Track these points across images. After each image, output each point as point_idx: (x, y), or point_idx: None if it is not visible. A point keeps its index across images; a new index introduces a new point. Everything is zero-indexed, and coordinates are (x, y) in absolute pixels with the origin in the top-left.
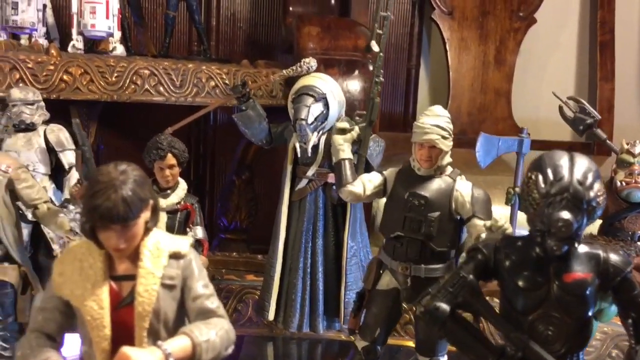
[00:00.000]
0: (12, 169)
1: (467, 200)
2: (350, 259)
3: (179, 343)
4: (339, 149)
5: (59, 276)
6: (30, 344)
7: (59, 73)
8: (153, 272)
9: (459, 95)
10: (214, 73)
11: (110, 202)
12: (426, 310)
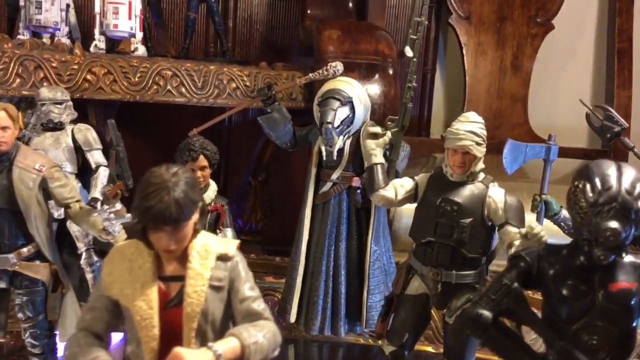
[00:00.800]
0: (45, 168)
1: (500, 207)
2: (373, 263)
3: (229, 344)
4: (371, 153)
5: (108, 276)
6: (79, 343)
7: (83, 73)
8: (202, 273)
9: (475, 100)
10: (235, 75)
11: (163, 204)
12: (469, 317)
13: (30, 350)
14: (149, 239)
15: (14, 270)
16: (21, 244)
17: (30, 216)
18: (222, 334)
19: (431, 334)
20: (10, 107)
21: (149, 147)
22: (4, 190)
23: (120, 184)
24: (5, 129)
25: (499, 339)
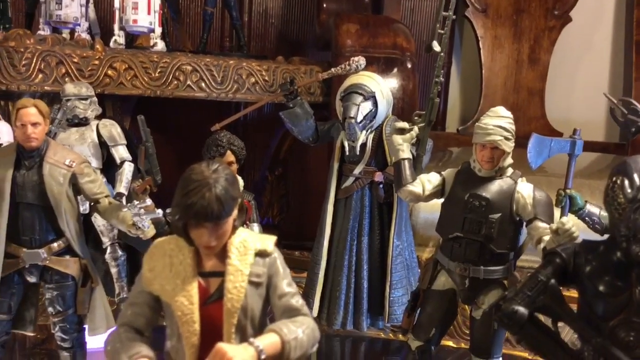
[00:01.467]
0: (75, 164)
1: (529, 202)
2: (395, 258)
3: (270, 340)
4: (398, 148)
5: (149, 272)
6: (120, 338)
7: (104, 68)
8: (241, 269)
9: (491, 94)
10: (254, 69)
11: (204, 201)
12: (504, 314)
13: (59, 344)
14: (189, 235)
15: (44, 265)
16: (51, 239)
17: (61, 211)
18: (260, 330)
19: (452, 328)
20: (41, 103)
21: (165, 140)
22: (34, 186)
23: (149, 180)
24: (36, 125)
25: (535, 336)
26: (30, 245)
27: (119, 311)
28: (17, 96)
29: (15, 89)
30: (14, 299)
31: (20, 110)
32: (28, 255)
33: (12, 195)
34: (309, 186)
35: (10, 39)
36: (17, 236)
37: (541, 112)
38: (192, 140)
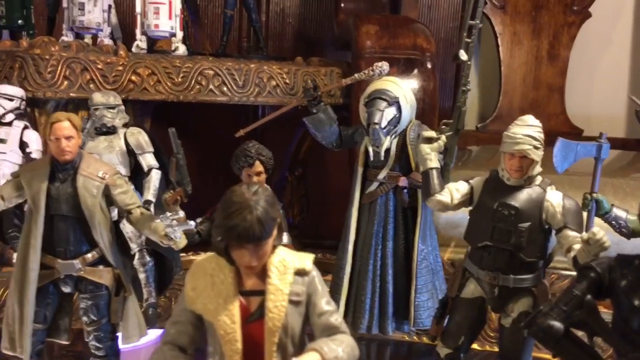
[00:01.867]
0: (108, 176)
1: (558, 210)
2: (420, 262)
3: (311, 359)
4: (426, 158)
5: (191, 291)
6: (165, 356)
7: (128, 74)
8: (281, 289)
9: (510, 90)
10: (274, 73)
11: (246, 223)
12: (540, 328)
13: (94, 352)
14: (230, 255)
15: (78, 275)
16: (85, 250)
17: (95, 223)
18: (301, 348)
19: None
20: (74, 117)
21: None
22: (69, 198)
23: (179, 191)
24: (70, 139)
25: (571, 351)
26: (64, 256)
27: (147, 316)
28: (43, 103)
29: (41, 96)
30: (50, 308)
31: (54, 124)
32: (63, 266)
33: (46, 208)
34: (328, 186)
35: (35, 47)
36: (52, 247)
37: (561, 108)
38: (210, 143)
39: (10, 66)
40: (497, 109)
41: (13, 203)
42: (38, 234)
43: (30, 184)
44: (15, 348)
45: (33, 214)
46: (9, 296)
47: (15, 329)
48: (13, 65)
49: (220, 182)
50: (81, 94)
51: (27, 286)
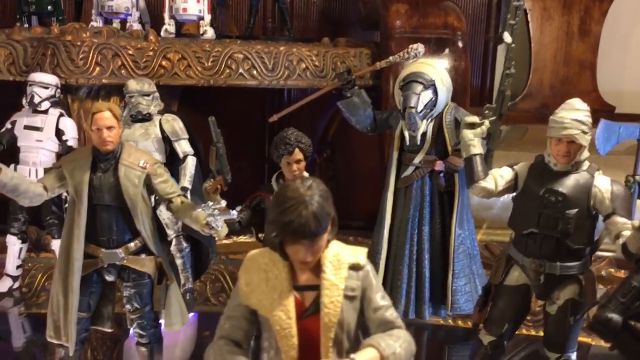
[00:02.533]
0: (149, 165)
1: (607, 196)
2: (457, 247)
3: (370, 355)
4: (469, 144)
5: (246, 286)
6: (221, 351)
7: (158, 59)
8: (336, 284)
9: (541, 67)
10: (304, 55)
11: (302, 219)
12: (598, 321)
13: (137, 339)
14: (284, 251)
15: (121, 264)
16: (128, 239)
17: (137, 212)
18: (356, 343)
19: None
20: (114, 107)
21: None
22: (111, 188)
23: (220, 179)
24: (111, 129)
25: (631, 344)
26: (108, 246)
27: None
28: (75, 90)
29: (73, 83)
30: (93, 297)
31: (95, 114)
32: (106, 255)
33: (89, 198)
34: (355, 168)
35: (67, 33)
36: (95, 237)
37: (592, 85)
38: (237, 127)
39: (42, 53)
40: (527, 87)
41: (56, 193)
42: (81, 223)
43: (73, 174)
44: (60, 336)
45: (76, 204)
46: (52, 286)
47: (60, 318)
48: (45, 52)
49: (246, 168)
50: (113, 80)
51: (71, 276)
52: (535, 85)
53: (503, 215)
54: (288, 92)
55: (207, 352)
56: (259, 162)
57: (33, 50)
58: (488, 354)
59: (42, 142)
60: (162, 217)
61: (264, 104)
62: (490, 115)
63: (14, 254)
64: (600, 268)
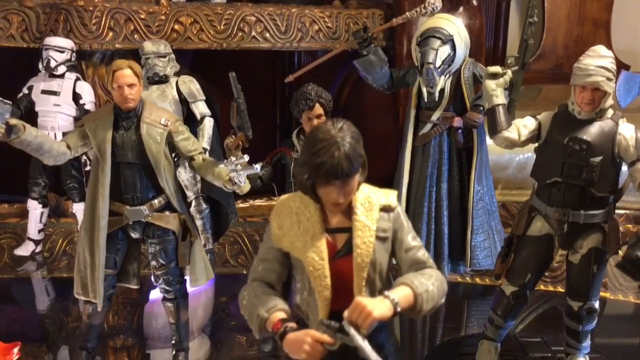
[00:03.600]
0: (170, 122)
1: (632, 144)
2: (476, 203)
3: (403, 293)
4: (492, 94)
5: (278, 229)
6: (255, 292)
7: (170, 23)
8: (368, 225)
9: (554, 27)
10: (316, 17)
11: (334, 159)
12: (627, 260)
13: (163, 295)
14: (316, 194)
15: (146, 221)
16: (152, 196)
17: (160, 169)
18: (388, 284)
19: None
20: (135, 64)
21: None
22: (134, 146)
23: (241, 136)
24: (132, 86)
25: None
26: (132, 203)
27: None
28: (89, 55)
29: (87, 48)
30: (119, 254)
31: (116, 72)
32: (131, 213)
33: (112, 156)
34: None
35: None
36: (119, 195)
37: (607, 44)
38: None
39: (55, 19)
40: (541, 47)
41: (79, 152)
42: (106, 182)
43: (95, 132)
44: (87, 293)
45: (100, 163)
46: (78, 244)
47: (87, 275)
48: (58, 17)
49: (256, 135)
50: (126, 45)
51: (97, 233)
52: (549, 45)
53: (518, 175)
54: (298, 57)
55: (241, 294)
56: (270, 129)
57: (45, 16)
58: (511, 304)
59: (59, 106)
60: (182, 179)
61: (274, 70)
62: (513, 65)
63: (35, 218)
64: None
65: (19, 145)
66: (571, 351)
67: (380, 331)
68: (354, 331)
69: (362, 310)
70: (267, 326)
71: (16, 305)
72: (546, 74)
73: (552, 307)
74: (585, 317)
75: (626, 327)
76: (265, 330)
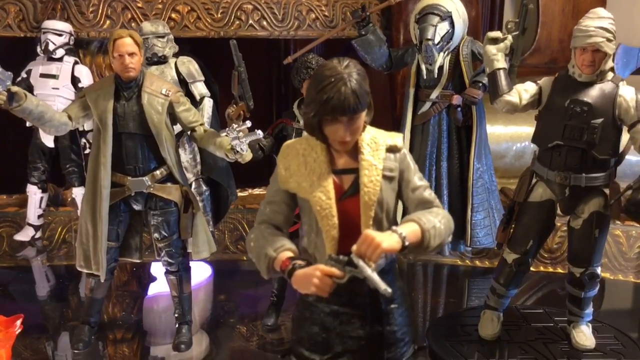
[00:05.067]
0: (172, 93)
1: (632, 105)
2: (476, 181)
3: (411, 228)
4: (492, 58)
5: (284, 170)
6: (263, 234)
7: (167, 12)
8: (375, 164)
9: (549, 21)
10: (313, 5)
11: (341, 95)
12: (632, 203)
13: (166, 268)
14: (323, 133)
15: (148, 192)
16: (154, 167)
17: (162, 139)
18: (395, 224)
19: None
20: (135, 34)
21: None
22: (135, 116)
23: (242, 105)
24: (133, 55)
25: None
26: (134, 174)
27: None
28: (87, 44)
29: (85, 36)
30: (122, 226)
31: (116, 41)
32: (133, 183)
33: (114, 126)
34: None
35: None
36: (121, 165)
37: None
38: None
39: (52, 7)
40: (535, 42)
41: (80, 123)
42: (107, 152)
43: (97, 103)
44: (90, 265)
45: (101, 133)
46: (80, 216)
47: (90, 247)
48: (55, 6)
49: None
50: None
51: (99, 203)
52: (544, 40)
53: (516, 164)
54: (295, 43)
55: (248, 236)
56: (266, 117)
57: (42, 5)
58: (513, 272)
59: (58, 89)
60: (182, 160)
61: (270, 55)
62: (513, 30)
63: (35, 204)
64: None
65: (21, 114)
66: (574, 319)
67: (387, 274)
68: (362, 263)
69: (370, 242)
70: (275, 265)
71: (16, 292)
72: (541, 68)
73: (552, 291)
74: (588, 282)
75: (627, 305)
76: (274, 269)
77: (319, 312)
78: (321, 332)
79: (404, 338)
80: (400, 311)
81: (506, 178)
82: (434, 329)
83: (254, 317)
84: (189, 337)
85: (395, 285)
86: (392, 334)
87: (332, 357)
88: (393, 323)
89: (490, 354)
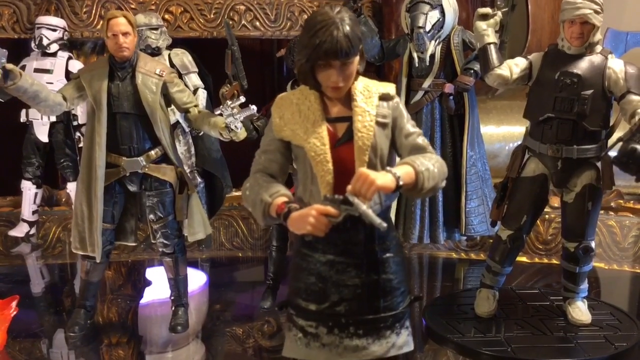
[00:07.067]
0: (165, 73)
1: (621, 76)
2: (469, 169)
3: (405, 170)
4: (483, 34)
5: (279, 119)
6: (258, 182)
7: (161, 13)
8: (368, 110)
9: (538, 29)
10: (305, 6)
11: (333, 38)
12: (623, 154)
13: (162, 250)
14: (316, 79)
15: (143, 172)
16: (149, 147)
17: (157, 119)
18: None
19: (526, 244)
20: (129, 14)
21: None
22: (129, 96)
23: (236, 85)
24: (127, 35)
25: None
26: (129, 154)
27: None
28: (80, 44)
29: (78, 37)
30: (117, 208)
31: (110, 20)
32: (128, 164)
33: (108, 106)
34: None
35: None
36: (116, 146)
37: None
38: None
39: (46, 8)
40: (526, 49)
41: (75, 104)
42: (102, 131)
43: (91, 83)
44: (85, 247)
45: (96, 113)
46: (75, 198)
47: (85, 228)
48: (49, 7)
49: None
50: None
51: (94, 183)
52: (534, 47)
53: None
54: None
55: (243, 186)
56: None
57: (36, 7)
58: (507, 248)
59: (52, 84)
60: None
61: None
62: (503, 6)
63: (29, 199)
64: (609, 200)
65: (15, 93)
66: (569, 295)
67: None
68: (357, 200)
69: (365, 180)
70: (270, 210)
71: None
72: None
73: (549, 284)
74: (582, 256)
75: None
76: (269, 215)
77: (315, 262)
78: (317, 281)
79: (400, 287)
80: (396, 260)
81: (500, 177)
82: (431, 308)
83: (249, 320)
84: (185, 319)
85: (390, 235)
86: (388, 282)
87: (328, 307)
88: (389, 271)
89: (487, 330)
